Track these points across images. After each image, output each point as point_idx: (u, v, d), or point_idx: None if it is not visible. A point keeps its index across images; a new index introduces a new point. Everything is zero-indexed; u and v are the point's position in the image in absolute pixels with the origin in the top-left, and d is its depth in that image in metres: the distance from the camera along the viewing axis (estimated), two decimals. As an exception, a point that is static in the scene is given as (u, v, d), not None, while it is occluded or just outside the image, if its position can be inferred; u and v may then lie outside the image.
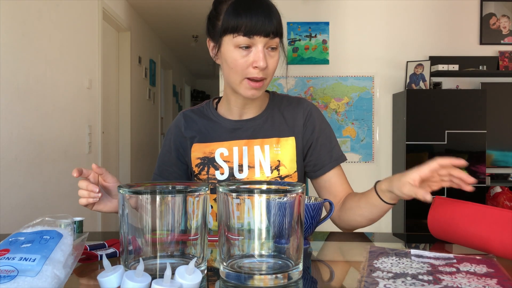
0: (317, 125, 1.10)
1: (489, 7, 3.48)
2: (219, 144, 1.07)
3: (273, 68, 0.97)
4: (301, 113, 1.09)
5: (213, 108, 1.12)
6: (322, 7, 3.49)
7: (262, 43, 0.93)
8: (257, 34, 0.91)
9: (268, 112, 1.10)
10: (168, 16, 4.92)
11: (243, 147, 1.06)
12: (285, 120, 1.09)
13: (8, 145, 2.13)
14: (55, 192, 2.56)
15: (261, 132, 1.07)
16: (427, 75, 3.21)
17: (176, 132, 1.13)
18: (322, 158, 1.08)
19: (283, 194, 0.62)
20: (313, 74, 3.49)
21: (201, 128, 1.10)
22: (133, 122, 4.45)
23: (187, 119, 1.12)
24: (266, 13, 0.92)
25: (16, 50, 2.20)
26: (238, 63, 0.94)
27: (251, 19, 0.91)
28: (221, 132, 1.08)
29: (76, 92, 2.94)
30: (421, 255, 0.71)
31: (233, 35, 0.93)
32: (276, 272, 0.61)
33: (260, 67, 0.93)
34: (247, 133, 1.07)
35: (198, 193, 0.65)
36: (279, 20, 0.95)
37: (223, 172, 1.06)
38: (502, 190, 3.24)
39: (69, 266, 0.60)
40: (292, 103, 1.11)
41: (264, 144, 1.06)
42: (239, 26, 0.91)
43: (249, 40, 0.92)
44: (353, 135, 3.49)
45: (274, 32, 0.93)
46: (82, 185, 0.87)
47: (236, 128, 1.08)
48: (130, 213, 0.63)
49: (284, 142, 1.07)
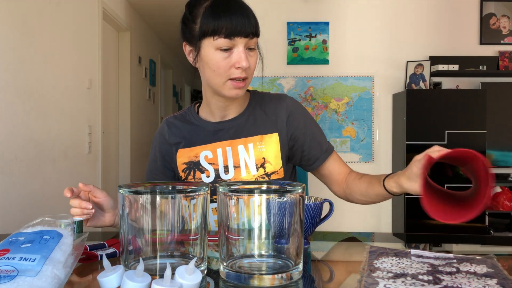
0: (301, 120, 1.10)
1: (489, 7, 3.48)
2: (203, 148, 1.08)
3: (254, 67, 0.99)
4: (283, 109, 1.09)
5: (194, 113, 1.13)
6: (322, 7, 3.49)
7: (243, 43, 0.94)
8: (238, 35, 0.92)
9: (249, 111, 1.10)
10: (168, 16, 4.92)
11: (227, 147, 1.07)
12: (267, 116, 1.09)
13: (8, 145, 2.12)
14: (55, 192, 2.56)
15: (244, 131, 1.08)
16: (427, 75, 3.21)
17: (160, 140, 1.14)
18: (313, 152, 1.09)
19: (283, 194, 0.62)
20: (313, 74, 3.49)
21: (185, 133, 1.11)
22: (133, 122, 4.45)
23: (171, 126, 1.14)
24: (244, 14, 0.93)
25: (16, 50, 2.20)
26: (221, 65, 0.94)
27: (231, 21, 0.91)
28: (204, 135, 1.09)
29: (76, 92, 2.94)
30: (421, 255, 0.71)
31: (214, 37, 0.93)
32: (276, 272, 0.61)
33: (243, 67, 0.94)
34: (229, 134, 1.08)
35: (198, 193, 0.65)
36: (256, 20, 0.96)
37: (209, 174, 1.06)
38: (502, 190, 3.24)
39: (69, 266, 0.60)
40: (273, 99, 1.12)
41: (247, 143, 1.06)
42: (219, 29, 0.91)
43: (230, 42, 0.93)
44: (353, 135, 3.49)
45: (253, 32, 0.94)
46: (74, 203, 0.86)
47: (218, 129, 1.08)
48: (130, 213, 0.63)
49: (268, 139, 1.07)
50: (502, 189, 3.24)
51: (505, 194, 3.20)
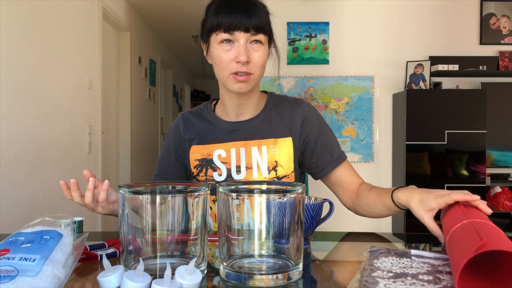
0: (316, 126, 1.10)
1: (489, 7, 3.48)
2: (217, 146, 1.09)
3: (258, 63, 0.98)
4: (299, 114, 1.10)
5: (211, 110, 1.14)
6: (322, 7, 3.49)
7: (244, 38, 0.96)
8: (237, 29, 0.95)
9: (265, 113, 1.10)
10: (168, 16, 4.92)
11: (241, 148, 1.07)
12: (283, 120, 1.10)
13: (8, 145, 2.13)
14: (55, 192, 2.56)
15: (258, 133, 1.08)
16: (427, 75, 3.21)
17: (175, 134, 1.15)
18: (323, 159, 1.09)
19: (283, 194, 0.62)
20: (313, 74, 3.49)
21: (200, 130, 1.12)
22: (133, 122, 4.45)
23: (186, 121, 1.14)
24: (245, 9, 0.95)
25: (16, 50, 2.20)
26: (222, 58, 0.97)
27: (229, 16, 0.94)
28: (219, 134, 1.09)
29: (76, 92, 2.94)
30: (421, 255, 0.71)
31: (216, 32, 0.97)
32: (276, 272, 0.61)
33: (241, 61, 0.95)
34: (244, 134, 1.08)
35: (198, 193, 0.65)
36: (262, 16, 0.97)
37: (221, 173, 1.07)
38: (502, 190, 3.24)
39: (69, 266, 0.60)
40: (290, 103, 1.12)
41: (261, 145, 1.07)
42: (220, 23, 0.95)
43: (231, 36, 0.95)
44: (353, 135, 3.49)
45: (254, 27, 0.95)
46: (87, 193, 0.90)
47: (233, 129, 1.09)
48: (130, 213, 0.63)
49: (281, 142, 1.08)
50: (502, 189, 3.24)
51: (505, 194, 3.20)
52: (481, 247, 0.50)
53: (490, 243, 0.51)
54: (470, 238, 0.57)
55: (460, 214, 0.69)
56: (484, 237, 0.52)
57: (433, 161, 3.13)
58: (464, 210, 0.71)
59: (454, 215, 0.71)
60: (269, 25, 1.01)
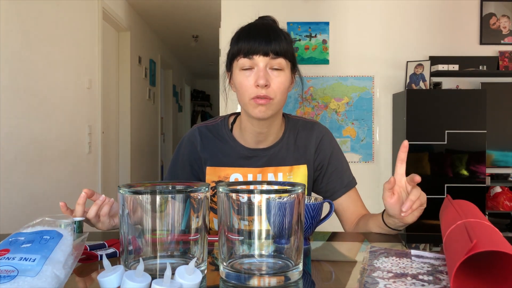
0: (328, 152, 1.12)
1: (489, 7, 3.48)
2: (234, 170, 1.09)
3: (278, 88, 0.98)
4: (313, 140, 1.12)
5: (228, 129, 1.12)
6: (322, 7, 3.49)
7: (263, 62, 0.96)
8: (256, 53, 0.95)
9: (283, 141, 1.11)
10: (168, 16, 4.92)
11: (258, 174, 1.09)
12: (298, 147, 1.11)
13: (8, 145, 2.12)
14: (55, 192, 2.56)
15: (275, 160, 1.09)
16: (427, 75, 3.21)
17: (191, 148, 1.12)
18: (332, 184, 1.11)
19: (283, 194, 0.62)
20: (313, 74, 3.49)
21: (216, 150, 1.10)
22: (133, 122, 4.45)
23: (203, 137, 1.11)
24: (265, 35, 0.97)
25: (16, 50, 2.20)
26: (243, 84, 0.98)
27: (248, 41, 0.96)
28: (235, 158, 1.09)
29: (76, 92, 2.94)
30: (421, 255, 0.71)
31: (237, 58, 0.98)
32: (276, 272, 0.61)
33: (260, 85, 0.95)
34: (262, 161, 1.09)
35: (198, 193, 0.65)
36: (282, 41, 0.97)
37: None
38: (502, 190, 3.24)
39: (69, 266, 0.60)
40: (305, 129, 1.13)
41: (277, 172, 1.09)
42: (240, 49, 0.97)
43: (250, 61, 0.96)
44: (353, 135, 3.49)
45: (274, 51, 0.95)
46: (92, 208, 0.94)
47: (251, 156, 1.09)
48: (130, 213, 0.63)
49: (297, 170, 1.10)
50: (502, 189, 3.24)
51: (505, 194, 3.20)
52: (471, 250, 0.50)
53: (480, 244, 0.51)
54: (462, 240, 0.57)
55: (454, 215, 0.69)
56: (474, 238, 0.52)
57: (433, 161, 3.13)
58: (458, 210, 0.71)
59: (449, 216, 0.72)
60: (291, 51, 1.00)
